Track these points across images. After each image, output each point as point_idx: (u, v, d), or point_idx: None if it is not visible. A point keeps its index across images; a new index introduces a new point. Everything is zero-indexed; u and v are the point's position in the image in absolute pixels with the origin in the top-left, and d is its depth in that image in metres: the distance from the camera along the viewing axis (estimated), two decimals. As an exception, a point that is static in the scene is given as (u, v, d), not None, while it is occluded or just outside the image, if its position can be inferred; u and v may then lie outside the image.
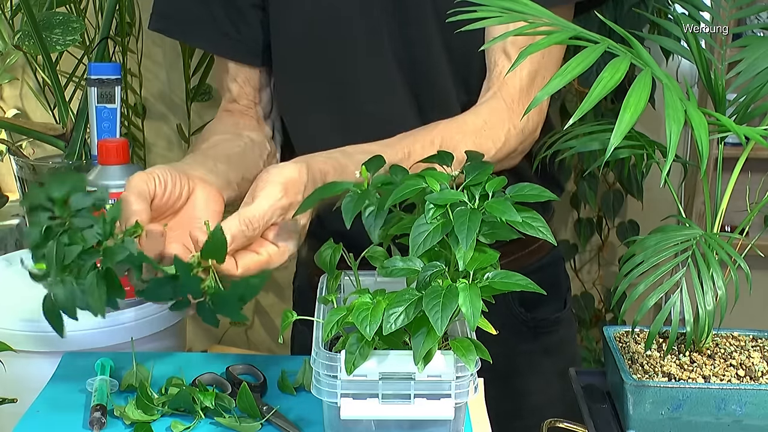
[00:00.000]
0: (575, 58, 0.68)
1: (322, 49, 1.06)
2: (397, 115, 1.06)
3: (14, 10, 1.83)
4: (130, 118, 2.16)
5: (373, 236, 0.76)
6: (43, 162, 1.17)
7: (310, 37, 1.06)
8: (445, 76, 1.06)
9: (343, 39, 1.05)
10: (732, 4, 0.92)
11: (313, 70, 1.08)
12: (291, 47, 1.09)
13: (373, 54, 1.05)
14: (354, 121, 1.08)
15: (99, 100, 1.11)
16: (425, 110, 1.07)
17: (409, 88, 1.06)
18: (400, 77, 1.06)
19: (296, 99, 1.12)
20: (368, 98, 1.07)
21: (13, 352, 0.96)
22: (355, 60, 1.06)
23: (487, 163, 0.76)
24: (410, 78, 1.06)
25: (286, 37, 1.08)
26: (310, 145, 0.93)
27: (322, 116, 1.09)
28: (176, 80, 2.17)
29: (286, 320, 0.76)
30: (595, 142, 0.85)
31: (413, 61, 1.05)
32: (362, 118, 1.07)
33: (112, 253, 0.69)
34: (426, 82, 1.06)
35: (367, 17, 1.04)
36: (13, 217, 2.14)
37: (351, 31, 1.05)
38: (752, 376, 0.77)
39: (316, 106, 1.10)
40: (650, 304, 0.74)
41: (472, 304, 0.65)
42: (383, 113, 1.07)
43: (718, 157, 0.83)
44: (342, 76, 1.07)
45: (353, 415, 0.70)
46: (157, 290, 0.73)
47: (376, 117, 1.07)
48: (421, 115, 1.06)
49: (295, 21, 1.07)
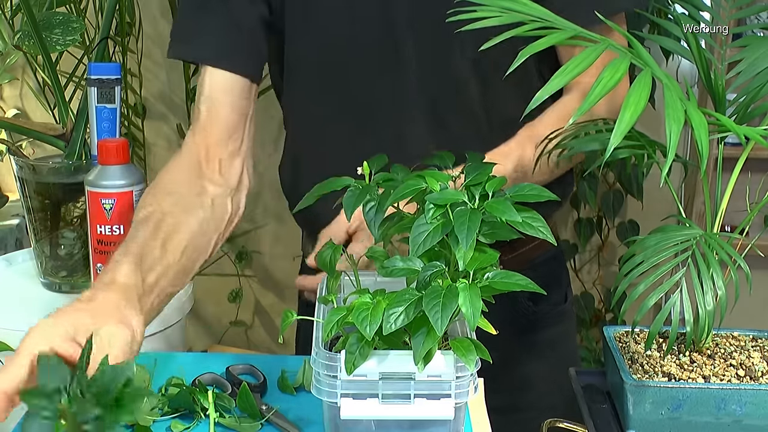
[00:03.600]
0: (575, 58, 0.68)
1: (341, 65, 1.06)
2: (413, 133, 1.07)
3: (14, 10, 1.83)
4: (130, 118, 2.16)
5: (373, 232, 0.76)
6: (43, 162, 1.17)
7: (328, 54, 1.06)
8: (466, 95, 1.06)
9: (362, 57, 1.05)
10: (732, 4, 0.92)
11: (329, 85, 1.08)
12: (308, 62, 1.08)
13: (392, 70, 1.05)
14: (368, 137, 1.07)
15: (99, 100, 1.11)
16: (443, 128, 1.07)
17: (427, 105, 1.06)
18: (419, 95, 1.06)
19: (310, 114, 1.11)
20: (384, 115, 1.07)
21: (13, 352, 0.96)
22: (374, 77, 1.06)
23: (487, 163, 0.76)
24: (429, 96, 1.06)
25: (303, 53, 1.08)
26: (322, 159, 0.92)
27: (337, 130, 1.09)
28: (176, 80, 2.17)
29: (286, 320, 0.76)
30: (595, 142, 0.85)
31: (434, 79, 1.06)
32: (377, 134, 1.07)
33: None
34: (446, 99, 1.07)
35: (389, 35, 1.04)
36: (13, 217, 2.15)
37: (371, 48, 1.05)
38: (752, 376, 0.77)
39: (330, 121, 1.10)
40: (650, 304, 0.74)
41: (472, 304, 0.65)
42: (403, 131, 1.07)
43: (718, 157, 0.83)
44: (358, 92, 1.07)
45: (353, 415, 0.70)
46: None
47: (392, 134, 1.07)
48: (437, 132, 1.07)
49: (314, 37, 1.06)
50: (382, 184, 0.77)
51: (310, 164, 1.14)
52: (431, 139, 1.06)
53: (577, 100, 1.02)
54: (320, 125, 1.11)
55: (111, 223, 1.02)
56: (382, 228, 0.77)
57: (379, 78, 1.06)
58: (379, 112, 1.07)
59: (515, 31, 0.71)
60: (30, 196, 1.14)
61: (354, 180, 0.78)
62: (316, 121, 1.11)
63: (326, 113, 1.10)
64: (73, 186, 1.12)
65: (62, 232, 1.14)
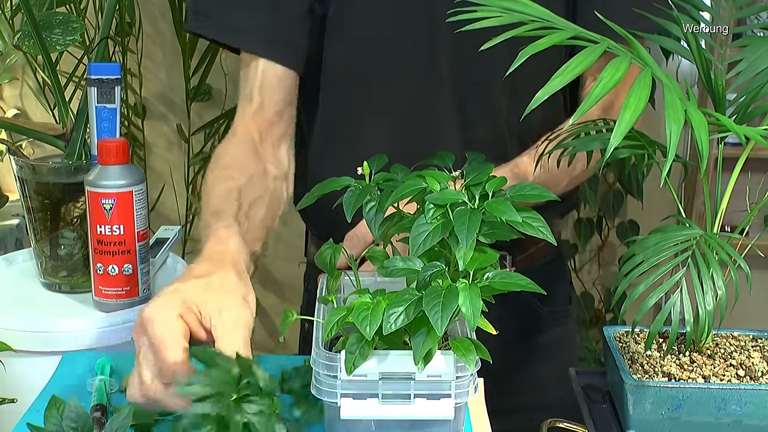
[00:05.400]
0: (575, 58, 0.68)
1: (378, 64, 1.07)
2: (442, 135, 1.08)
3: (14, 10, 1.83)
4: (130, 118, 2.16)
5: (373, 231, 0.76)
6: (43, 162, 1.17)
7: (367, 53, 1.07)
8: (496, 100, 1.07)
9: (399, 56, 1.06)
10: (732, 4, 0.92)
11: (365, 84, 1.09)
12: (346, 60, 1.08)
13: (427, 73, 1.06)
14: (401, 137, 1.08)
15: (99, 100, 1.11)
16: (472, 130, 1.08)
17: (460, 107, 1.07)
18: (452, 99, 1.07)
19: (344, 111, 1.12)
20: (417, 117, 1.08)
21: (13, 352, 0.96)
22: (409, 77, 1.07)
23: (487, 163, 0.77)
24: (462, 100, 1.07)
25: (343, 50, 1.08)
26: (354, 152, 0.93)
27: (372, 129, 1.10)
28: (176, 80, 2.17)
29: (287, 320, 0.76)
30: (595, 142, 0.85)
31: (467, 83, 1.06)
32: (409, 134, 1.08)
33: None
34: (478, 104, 1.07)
35: (428, 36, 1.04)
36: (13, 217, 2.15)
37: (407, 49, 1.05)
38: (752, 376, 0.77)
39: (364, 120, 1.10)
40: (650, 304, 0.74)
41: (472, 304, 0.65)
42: (430, 132, 1.08)
43: (718, 157, 0.83)
44: (393, 93, 1.08)
45: (353, 415, 0.70)
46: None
47: (423, 135, 1.08)
48: (465, 134, 1.08)
49: (354, 36, 1.07)
50: (382, 184, 0.77)
51: (340, 158, 1.15)
52: (462, 143, 1.06)
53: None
54: (353, 123, 1.12)
55: (111, 223, 1.02)
56: (382, 228, 0.77)
57: (416, 79, 1.06)
58: (413, 112, 1.08)
59: (516, 31, 0.71)
60: (30, 196, 1.14)
61: (354, 180, 0.78)
62: (350, 119, 1.12)
63: (360, 112, 1.11)
64: (73, 186, 1.12)
65: (62, 232, 1.14)
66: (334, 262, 0.79)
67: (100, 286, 1.05)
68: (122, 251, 1.03)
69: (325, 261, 0.80)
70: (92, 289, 1.06)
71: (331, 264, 0.79)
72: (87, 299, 1.09)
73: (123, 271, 1.04)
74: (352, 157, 0.79)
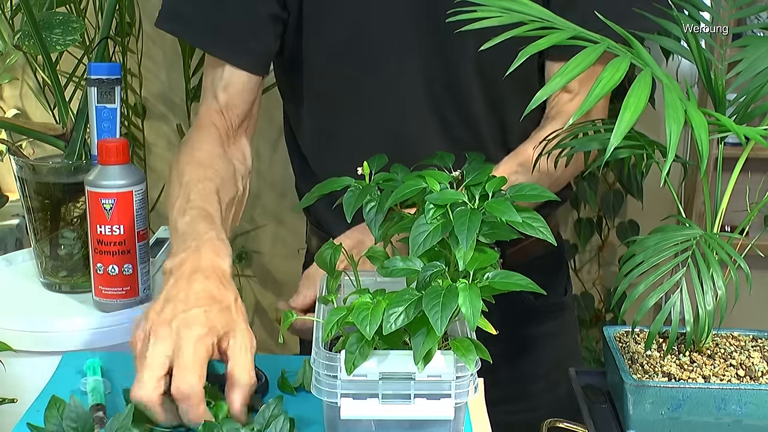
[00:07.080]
0: (575, 58, 0.68)
1: (355, 64, 1.08)
2: (420, 135, 1.08)
3: (14, 10, 1.83)
4: (130, 118, 2.16)
5: (374, 232, 0.76)
6: (43, 162, 1.17)
7: (343, 54, 1.08)
8: (473, 98, 1.07)
9: (375, 57, 1.07)
10: (732, 4, 0.92)
11: (342, 84, 1.09)
12: (323, 61, 1.09)
13: (403, 73, 1.07)
14: (378, 136, 1.09)
15: (99, 100, 1.11)
16: (450, 130, 1.09)
17: (436, 107, 1.08)
18: (428, 97, 1.07)
19: (324, 111, 1.13)
20: (394, 115, 1.09)
21: (13, 352, 0.96)
22: (385, 77, 1.07)
23: (487, 163, 0.77)
24: (438, 98, 1.07)
25: (318, 52, 1.09)
26: (333, 159, 0.94)
27: (349, 128, 1.11)
28: (176, 80, 2.17)
29: (287, 320, 0.76)
30: (595, 142, 0.85)
31: (443, 82, 1.07)
32: (386, 134, 1.09)
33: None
34: (454, 103, 1.08)
35: (401, 37, 1.05)
36: (13, 217, 2.14)
37: (383, 49, 1.06)
38: (752, 376, 0.77)
39: (342, 119, 1.12)
40: (650, 304, 0.74)
41: (472, 304, 0.65)
42: (408, 131, 1.09)
43: (718, 157, 0.83)
44: (371, 92, 1.08)
45: (353, 415, 0.70)
46: None
47: (400, 134, 1.08)
48: (445, 134, 1.09)
49: (330, 37, 1.08)
50: (382, 184, 0.77)
51: (321, 164, 1.16)
52: (442, 141, 1.07)
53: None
54: (333, 123, 1.13)
55: (111, 223, 1.02)
56: (382, 228, 0.77)
57: (392, 78, 1.07)
58: (391, 111, 1.09)
59: (515, 31, 0.71)
60: (30, 196, 1.14)
61: (354, 180, 0.78)
62: (330, 119, 1.13)
63: (339, 112, 1.12)
64: (73, 186, 1.12)
65: (62, 232, 1.14)
66: (334, 262, 0.80)
67: (100, 286, 1.05)
68: (122, 251, 1.03)
69: (325, 261, 0.80)
70: (92, 289, 1.06)
71: (331, 264, 0.79)
72: (87, 299, 1.09)
73: (123, 271, 1.04)
74: (343, 156, 0.80)
